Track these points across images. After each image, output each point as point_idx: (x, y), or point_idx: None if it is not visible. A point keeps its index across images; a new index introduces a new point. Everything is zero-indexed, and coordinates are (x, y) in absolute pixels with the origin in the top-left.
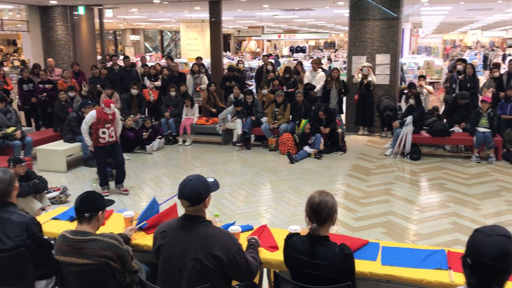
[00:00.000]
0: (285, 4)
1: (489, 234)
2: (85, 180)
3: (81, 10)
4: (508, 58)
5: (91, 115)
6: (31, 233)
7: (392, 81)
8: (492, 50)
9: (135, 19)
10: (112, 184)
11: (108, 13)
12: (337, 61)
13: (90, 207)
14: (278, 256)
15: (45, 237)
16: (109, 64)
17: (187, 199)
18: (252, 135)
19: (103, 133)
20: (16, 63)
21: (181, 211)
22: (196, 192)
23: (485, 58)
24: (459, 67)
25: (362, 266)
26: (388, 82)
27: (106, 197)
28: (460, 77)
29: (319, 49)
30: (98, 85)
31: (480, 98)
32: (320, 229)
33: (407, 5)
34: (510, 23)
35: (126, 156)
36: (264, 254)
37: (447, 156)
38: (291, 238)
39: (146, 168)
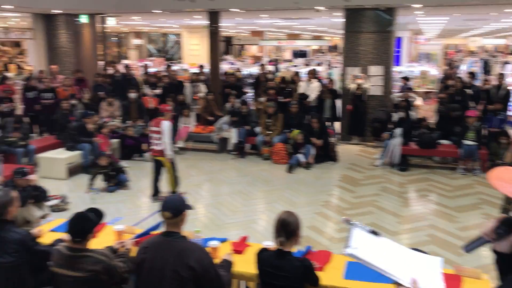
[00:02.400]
0: (282, 14)
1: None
2: (85, 188)
3: (84, 19)
4: (507, 66)
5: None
6: (28, 248)
7: (385, 92)
8: (494, 56)
9: (138, 24)
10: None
11: (110, 21)
12: (337, 67)
13: (83, 229)
14: (251, 269)
15: (43, 247)
16: (110, 70)
17: (168, 210)
18: (247, 144)
19: None
20: (27, 68)
21: None
22: (176, 204)
23: (486, 63)
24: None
25: (325, 279)
26: (381, 93)
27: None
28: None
29: (321, 52)
30: (102, 92)
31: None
32: (286, 244)
33: (401, 15)
34: (509, 30)
35: (125, 163)
36: (239, 267)
37: (435, 167)
38: (262, 253)
39: (144, 176)
